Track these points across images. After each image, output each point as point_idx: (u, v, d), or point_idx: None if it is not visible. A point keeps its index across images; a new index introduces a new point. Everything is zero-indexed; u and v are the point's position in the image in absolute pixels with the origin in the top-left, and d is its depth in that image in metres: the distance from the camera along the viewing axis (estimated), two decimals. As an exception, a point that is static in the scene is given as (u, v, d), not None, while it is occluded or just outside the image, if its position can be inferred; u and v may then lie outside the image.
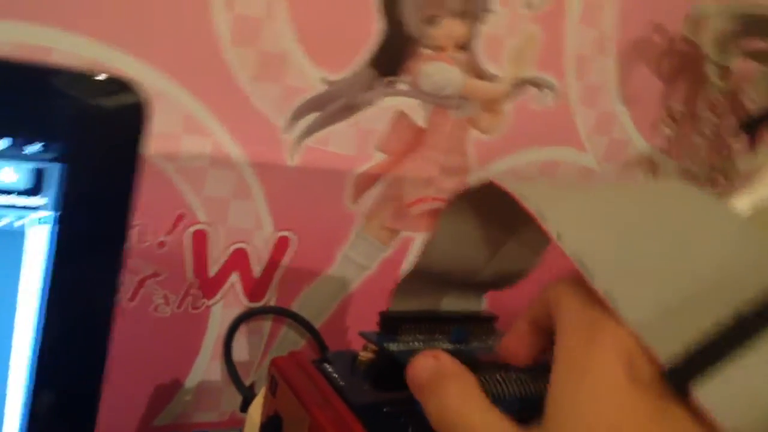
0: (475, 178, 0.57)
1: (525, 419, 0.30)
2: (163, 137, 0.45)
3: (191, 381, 0.52)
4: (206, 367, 0.52)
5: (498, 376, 0.36)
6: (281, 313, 0.53)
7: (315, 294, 0.54)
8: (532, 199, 0.30)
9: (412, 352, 0.40)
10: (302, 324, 0.54)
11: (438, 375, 0.30)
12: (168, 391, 0.51)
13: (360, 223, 0.54)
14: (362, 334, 0.43)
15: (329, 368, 0.42)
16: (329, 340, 0.54)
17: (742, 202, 0.58)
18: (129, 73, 0.43)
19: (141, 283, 0.48)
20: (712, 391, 0.21)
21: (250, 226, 0.50)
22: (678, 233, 0.27)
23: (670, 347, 0.22)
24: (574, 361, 0.25)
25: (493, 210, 0.38)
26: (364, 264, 0.55)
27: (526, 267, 0.41)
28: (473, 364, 0.38)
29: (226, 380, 0.52)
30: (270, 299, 0.53)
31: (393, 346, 0.41)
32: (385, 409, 0.39)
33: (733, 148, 0.67)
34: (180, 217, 0.48)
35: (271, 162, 0.49)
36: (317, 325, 0.55)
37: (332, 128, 0.50)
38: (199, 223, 0.48)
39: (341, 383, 0.41)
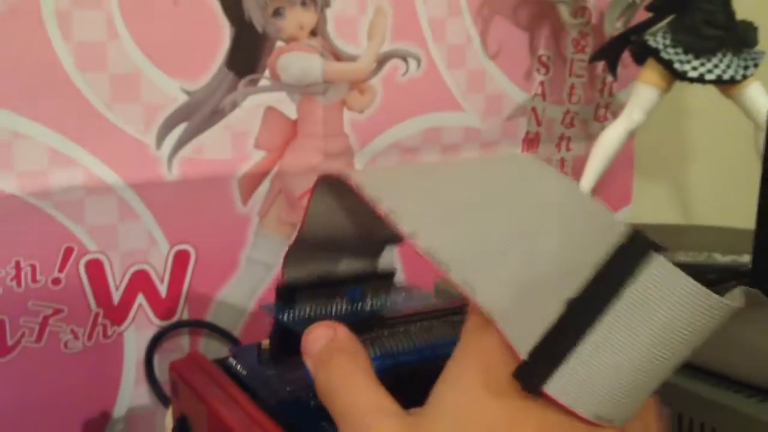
0: (360, 157, 0.58)
1: (421, 373, 0.31)
2: (31, 175, 0.46)
3: (119, 410, 0.52)
4: (133, 393, 0.52)
5: (386, 332, 0.37)
6: (196, 325, 0.54)
7: (227, 301, 0.55)
8: (384, 200, 0.31)
9: (308, 321, 0.41)
10: (219, 333, 0.54)
11: (329, 348, 0.31)
12: (98, 425, 0.51)
13: (255, 223, 0.55)
14: (262, 307, 0.44)
15: (233, 362, 0.43)
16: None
17: (618, 130, 0.60)
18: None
19: (44, 323, 0.48)
20: (562, 385, 0.22)
21: (143, 247, 0.51)
22: (523, 213, 0.27)
23: (527, 340, 0.23)
24: (455, 364, 0.26)
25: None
26: (270, 262, 0.56)
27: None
28: (364, 323, 0.39)
29: (156, 402, 0.53)
30: (182, 315, 0.53)
31: (289, 316, 0.41)
32: (289, 390, 0.40)
33: (608, 83, 0.69)
34: (69, 251, 0.48)
35: (149, 180, 0.50)
36: (237, 331, 0.55)
37: (203, 135, 0.51)
38: (89, 252, 0.49)
39: (244, 374, 0.42)
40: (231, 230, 0.54)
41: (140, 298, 0.51)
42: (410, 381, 0.37)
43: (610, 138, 0.59)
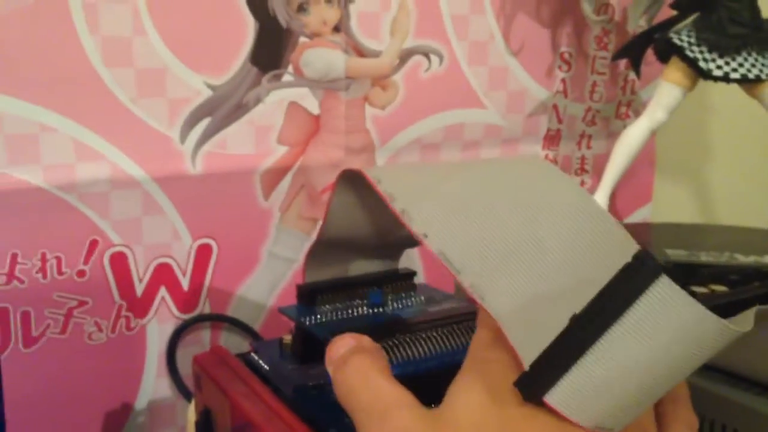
0: (381, 153, 0.58)
1: (442, 380, 0.31)
2: (58, 169, 0.47)
3: (141, 402, 0.53)
4: (154, 386, 0.53)
5: (407, 338, 0.37)
6: (217, 319, 0.54)
7: (248, 296, 0.55)
8: (398, 198, 0.31)
9: (328, 325, 0.41)
10: (240, 327, 0.55)
11: (349, 350, 0.31)
12: (119, 417, 0.52)
13: (277, 217, 0.55)
14: (281, 310, 0.44)
15: (255, 357, 0.44)
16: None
17: (640, 129, 0.60)
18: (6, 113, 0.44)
19: (69, 315, 0.49)
20: (563, 397, 0.23)
21: (167, 240, 0.51)
22: (536, 221, 0.27)
23: (531, 351, 0.24)
24: (464, 372, 0.27)
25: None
26: (291, 257, 0.56)
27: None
28: (385, 327, 0.40)
29: (177, 395, 0.53)
30: (204, 308, 0.54)
31: (311, 319, 0.42)
32: (310, 384, 0.40)
33: (631, 81, 0.69)
34: (94, 244, 0.49)
35: (173, 174, 0.50)
36: (256, 326, 0.56)
37: (227, 130, 0.52)
38: (114, 245, 0.49)
39: (266, 368, 0.42)
40: (253, 224, 0.54)
41: (163, 291, 0.52)
42: (431, 388, 0.38)
43: (632, 136, 0.59)
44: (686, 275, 0.47)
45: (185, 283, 0.53)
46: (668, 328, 0.22)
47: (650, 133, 0.59)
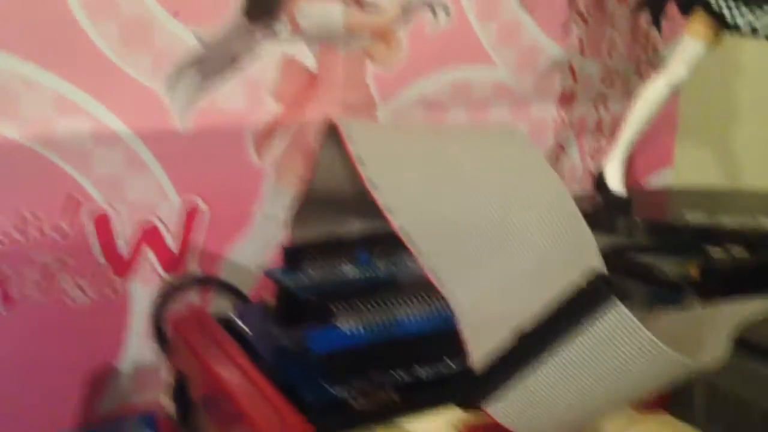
0: (382, 111, 0.55)
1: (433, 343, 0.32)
2: (37, 123, 0.44)
3: (125, 365, 0.51)
4: (139, 349, 0.51)
5: (397, 299, 0.35)
6: (205, 282, 0.52)
7: (239, 258, 0.53)
8: (368, 164, 0.30)
9: (314, 287, 0.39)
10: (230, 290, 0.52)
11: None
12: (103, 378, 0.50)
13: (271, 177, 0.53)
14: (266, 272, 0.42)
15: (237, 321, 0.41)
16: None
17: (660, 86, 0.56)
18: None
19: (49, 276, 0.47)
20: (501, 407, 0.23)
21: (153, 200, 0.49)
22: (507, 213, 0.27)
23: (480, 356, 0.24)
24: None
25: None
26: (285, 218, 0.54)
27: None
28: (375, 288, 0.37)
29: (163, 358, 0.51)
30: (192, 270, 0.52)
31: (295, 281, 0.39)
32: (293, 349, 0.38)
33: (652, 37, 0.65)
34: (75, 202, 0.47)
35: (159, 130, 0.48)
36: (248, 289, 0.53)
37: (217, 85, 0.49)
38: (97, 204, 0.47)
39: (247, 333, 0.40)
40: (245, 184, 0.52)
41: (149, 253, 0.50)
42: (421, 351, 0.35)
43: (652, 94, 0.55)
44: (704, 238, 0.44)
45: (172, 245, 0.50)
46: (615, 357, 0.21)
47: (670, 91, 0.55)
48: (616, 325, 0.20)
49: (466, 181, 0.28)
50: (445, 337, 0.28)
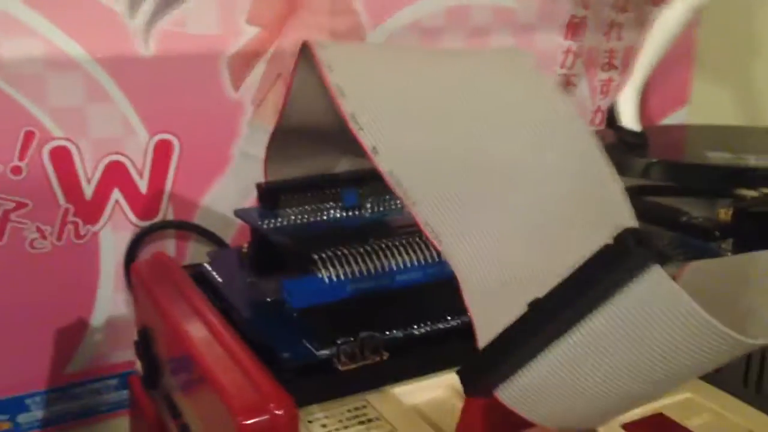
0: (372, 38, 0.50)
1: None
2: (-21, 44, 0.39)
3: (97, 319, 0.46)
4: (112, 301, 0.47)
5: (384, 245, 0.30)
6: (181, 227, 0.47)
7: (217, 201, 0.48)
8: (349, 96, 0.25)
9: (291, 230, 0.34)
10: (207, 236, 0.48)
11: None
12: (74, 335, 0.46)
13: (249, 112, 0.48)
14: (237, 213, 0.37)
15: (208, 268, 0.37)
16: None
17: (676, 12, 0.51)
18: None
19: (5, 219, 0.42)
20: (511, 393, 0.20)
21: (118, 134, 0.44)
22: (512, 154, 0.22)
23: (487, 334, 0.20)
24: None
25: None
26: (267, 158, 0.49)
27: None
28: (361, 232, 0.33)
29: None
30: (166, 215, 0.47)
31: (271, 224, 0.35)
32: (266, 300, 0.33)
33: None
34: (29, 136, 0.42)
35: (122, 55, 0.43)
36: (228, 236, 0.49)
37: (186, 5, 0.44)
38: (55, 138, 0.42)
39: (218, 281, 0.35)
40: (221, 119, 0.47)
41: (116, 194, 0.45)
42: (410, 303, 0.31)
43: (669, 19, 0.50)
44: (732, 180, 0.39)
45: (143, 186, 0.46)
46: (652, 333, 0.17)
47: (688, 17, 0.50)
48: (653, 292, 0.16)
49: (466, 117, 0.23)
50: (443, 289, 0.24)
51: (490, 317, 0.20)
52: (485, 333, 0.20)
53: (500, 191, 0.22)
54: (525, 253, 0.21)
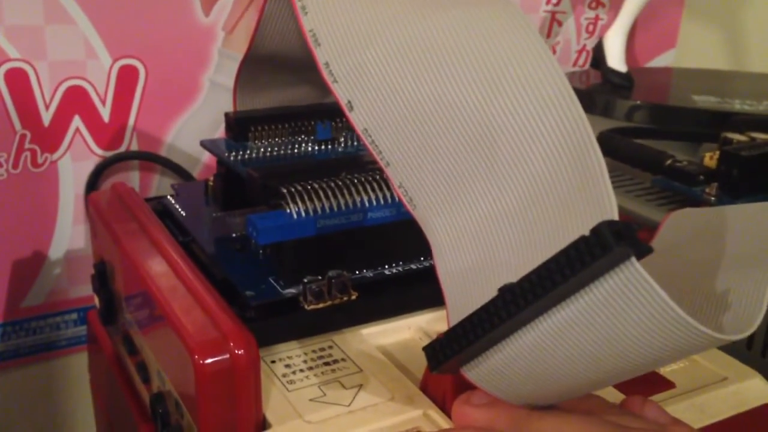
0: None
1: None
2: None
3: (56, 251, 0.45)
4: (71, 234, 0.45)
5: (357, 179, 0.29)
6: (145, 158, 0.45)
7: (185, 133, 0.46)
8: (324, 44, 0.23)
9: (259, 162, 0.33)
10: (174, 169, 0.46)
11: None
12: (31, 268, 0.44)
13: (221, 38, 0.45)
14: (203, 143, 0.35)
15: (171, 201, 0.35)
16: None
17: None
18: None
19: (-44, 144, 0.40)
20: (476, 372, 0.20)
21: (79, 58, 0.42)
22: (493, 120, 0.20)
23: (459, 314, 0.19)
24: None
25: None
26: (239, 88, 0.47)
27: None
28: (333, 166, 0.31)
29: (99, 245, 0.45)
30: (131, 146, 0.45)
31: (239, 156, 0.33)
32: (233, 235, 0.32)
33: None
34: (-18, 56, 0.39)
35: (83, -28, 0.40)
36: (196, 170, 0.47)
37: None
38: (10, 60, 0.40)
39: (181, 214, 0.34)
40: (190, 45, 0.44)
41: (77, 121, 0.43)
42: (388, 243, 0.30)
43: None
44: (718, 123, 0.38)
45: (105, 114, 0.43)
46: (623, 326, 0.16)
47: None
48: (627, 287, 0.16)
49: (452, 74, 0.21)
50: (417, 228, 0.23)
51: (463, 297, 0.20)
52: (457, 312, 0.19)
53: (487, 166, 0.20)
54: (506, 237, 0.20)
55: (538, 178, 0.19)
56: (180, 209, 0.34)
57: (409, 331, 0.28)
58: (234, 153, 0.33)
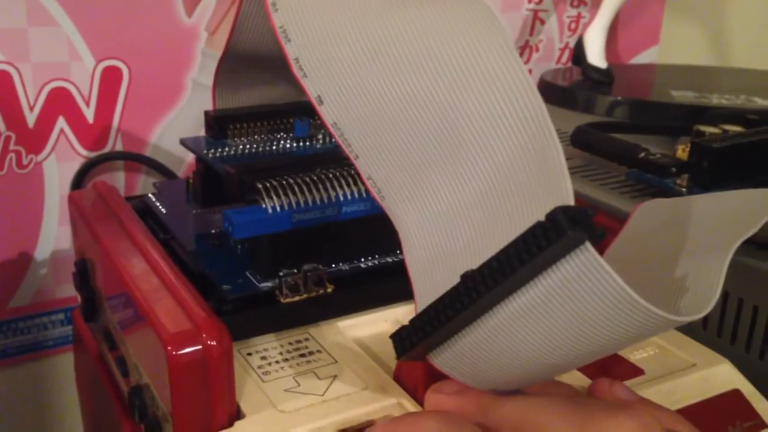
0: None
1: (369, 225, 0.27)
2: None
3: (42, 252, 0.45)
4: (57, 234, 0.45)
5: (332, 174, 0.29)
6: (129, 158, 0.46)
7: (169, 133, 0.46)
8: (294, 39, 0.24)
9: (238, 159, 0.33)
10: (158, 169, 0.46)
11: None
12: (17, 269, 0.45)
13: (203, 39, 0.45)
14: (182, 141, 0.36)
15: (152, 199, 0.35)
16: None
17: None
18: None
19: (-59, 146, 0.40)
20: (441, 358, 0.20)
21: (63, 59, 0.42)
22: (458, 113, 0.21)
23: (426, 302, 0.20)
24: None
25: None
26: (222, 89, 0.47)
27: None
28: (310, 162, 0.31)
29: (85, 245, 0.46)
30: (115, 146, 0.45)
31: (217, 153, 0.33)
32: (213, 231, 0.32)
33: None
34: (-35, 58, 0.40)
35: (65, -25, 0.40)
36: (180, 170, 0.47)
37: None
38: (-7, 62, 0.40)
39: (162, 211, 0.34)
40: (173, 46, 0.45)
41: (61, 122, 0.43)
42: (364, 237, 0.30)
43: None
44: (694, 117, 0.39)
45: (89, 114, 0.44)
46: (580, 311, 0.16)
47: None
48: (582, 272, 0.16)
49: (421, 68, 0.22)
50: (392, 222, 0.23)
51: (430, 285, 0.20)
52: (424, 300, 0.20)
53: (451, 156, 0.21)
54: (470, 224, 0.21)
55: (500, 166, 0.20)
56: (161, 207, 0.34)
57: (386, 324, 0.28)
58: (213, 150, 0.33)
